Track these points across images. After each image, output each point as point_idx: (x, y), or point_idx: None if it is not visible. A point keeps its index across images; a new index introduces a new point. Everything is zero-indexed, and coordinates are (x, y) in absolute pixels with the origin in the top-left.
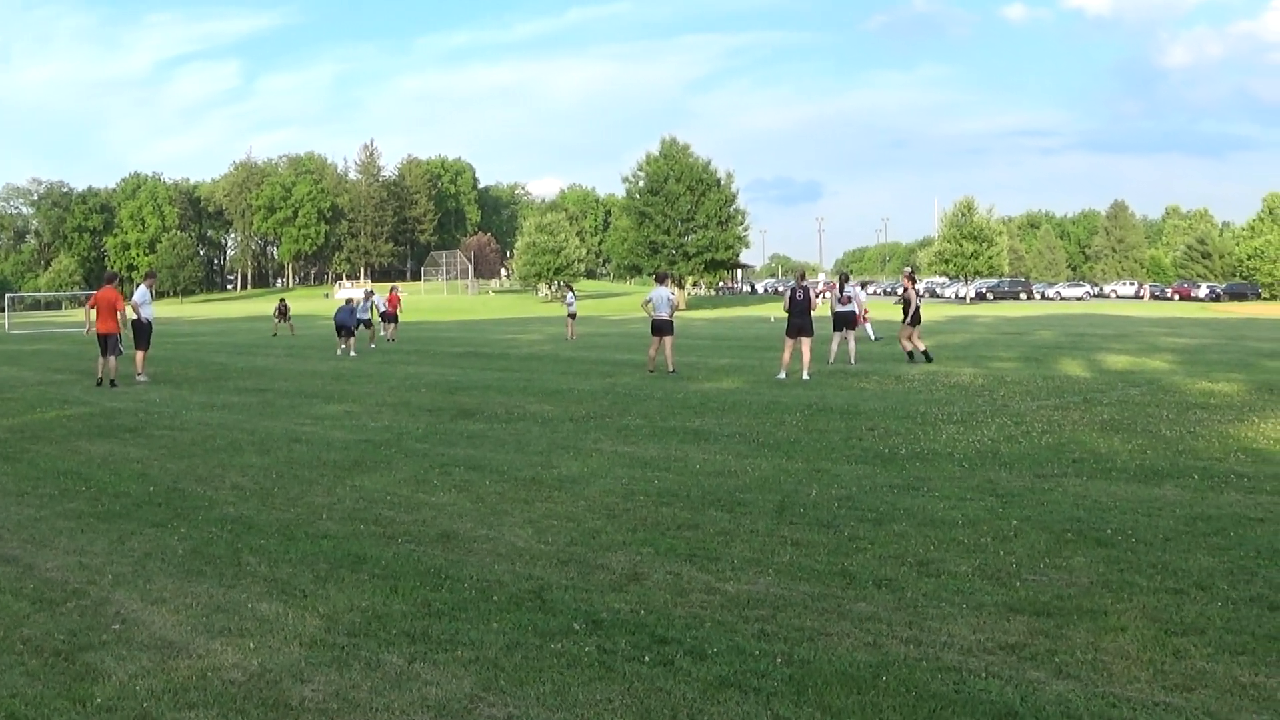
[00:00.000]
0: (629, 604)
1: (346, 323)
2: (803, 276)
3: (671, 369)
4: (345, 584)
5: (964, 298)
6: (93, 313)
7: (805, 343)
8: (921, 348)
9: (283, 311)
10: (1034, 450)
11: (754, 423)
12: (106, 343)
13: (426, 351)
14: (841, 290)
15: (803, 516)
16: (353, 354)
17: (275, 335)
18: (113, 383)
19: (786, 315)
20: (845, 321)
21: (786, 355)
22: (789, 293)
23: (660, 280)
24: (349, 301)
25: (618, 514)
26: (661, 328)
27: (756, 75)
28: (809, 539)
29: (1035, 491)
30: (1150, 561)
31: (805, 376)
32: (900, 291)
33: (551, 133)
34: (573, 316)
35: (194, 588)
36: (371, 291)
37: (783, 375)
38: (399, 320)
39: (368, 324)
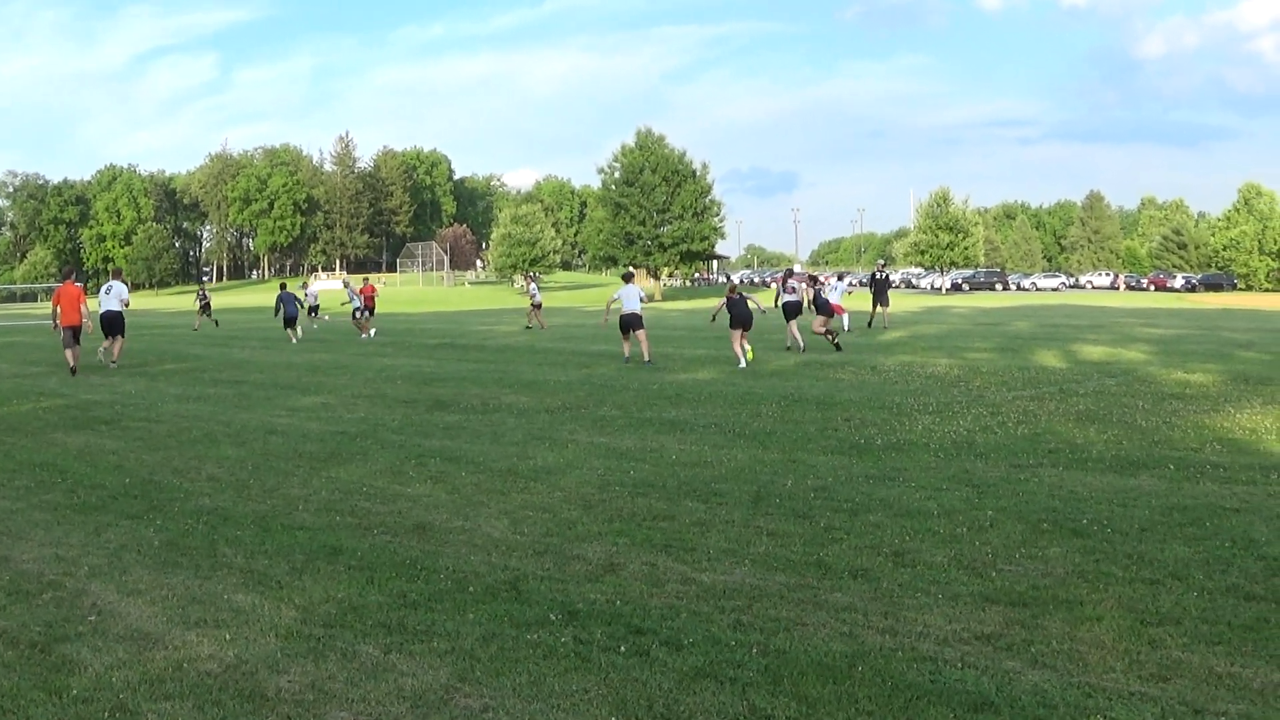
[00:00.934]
0: (605, 595)
1: (293, 313)
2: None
3: (647, 359)
4: (321, 575)
5: (940, 288)
6: (58, 308)
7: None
8: (816, 337)
9: (204, 304)
10: (1010, 441)
11: (730, 413)
12: (73, 334)
13: (402, 343)
14: (784, 284)
15: (779, 507)
16: (294, 340)
17: (197, 329)
18: (73, 370)
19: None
20: (791, 311)
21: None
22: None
23: (627, 280)
24: (283, 288)
25: (594, 505)
26: (631, 321)
27: (734, 66)
28: (785, 529)
29: (1011, 482)
30: (1126, 552)
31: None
32: (809, 287)
33: (528, 124)
34: (537, 306)
35: (170, 579)
36: (348, 281)
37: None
38: (374, 312)
39: (313, 310)
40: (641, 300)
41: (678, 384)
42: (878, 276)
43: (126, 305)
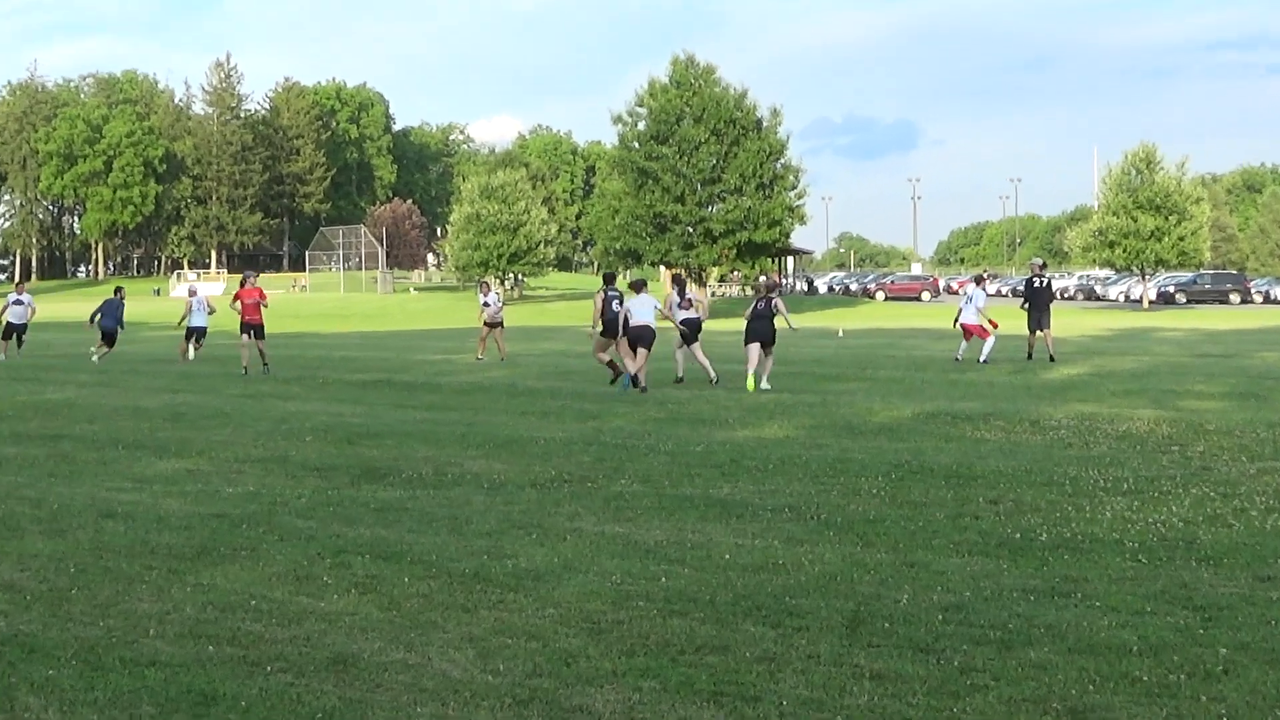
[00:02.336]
0: None
1: (111, 328)
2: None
3: (632, 373)
4: None
5: (1139, 300)
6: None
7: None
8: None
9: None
10: (1254, 539)
11: (812, 490)
12: None
13: (312, 379)
14: (682, 294)
15: (888, 635)
16: (94, 359)
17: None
18: None
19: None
20: (690, 332)
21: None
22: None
23: (638, 289)
24: (118, 293)
25: (604, 629)
26: (642, 335)
27: None
28: (898, 670)
29: (1255, 603)
30: None
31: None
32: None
33: (506, 49)
34: (496, 325)
35: None
36: (195, 290)
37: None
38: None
39: (198, 335)
40: (656, 309)
41: (733, 444)
42: (1035, 284)
43: None
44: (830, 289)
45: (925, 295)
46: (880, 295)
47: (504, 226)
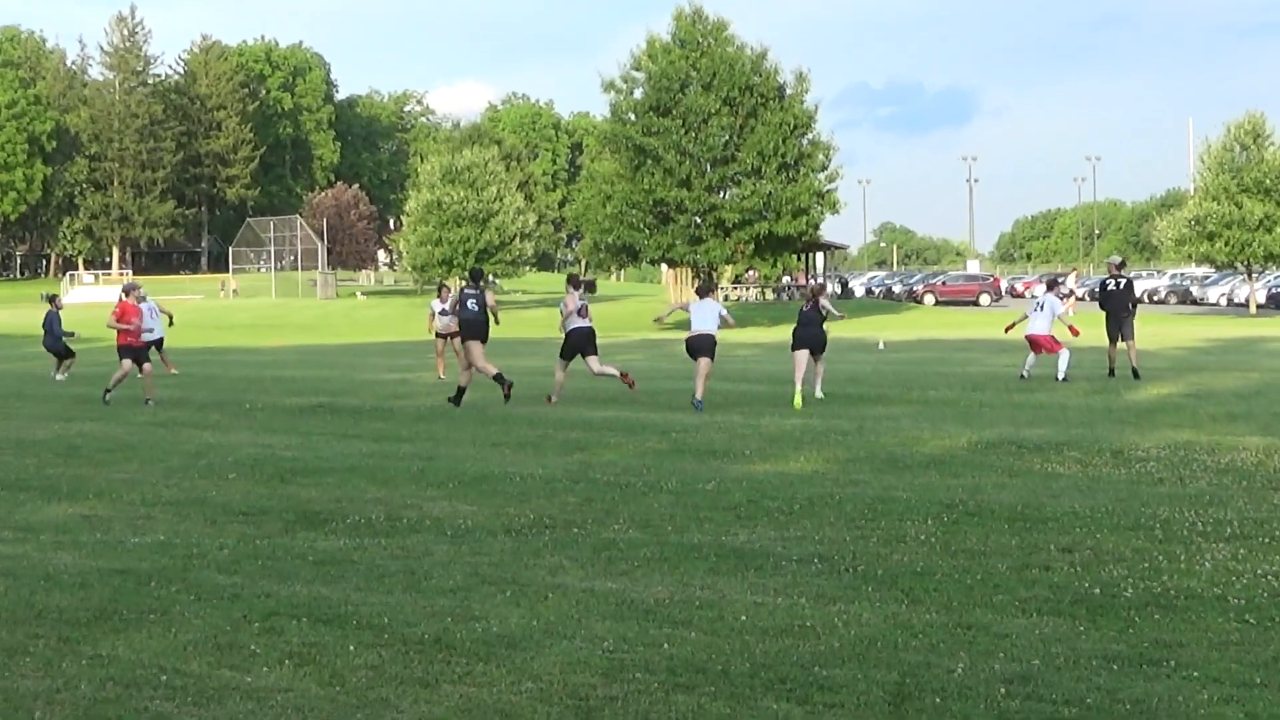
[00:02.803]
0: None
1: (54, 346)
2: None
3: (698, 398)
4: None
5: (1244, 304)
6: None
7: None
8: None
9: None
10: None
11: (848, 537)
12: None
13: (236, 404)
14: (581, 292)
15: (939, 713)
16: (57, 377)
17: None
18: None
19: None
20: (581, 343)
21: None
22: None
23: (703, 293)
24: (53, 300)
25: (595, 707)
26: (701, 346)
27: None
28: None
29: None
30: None
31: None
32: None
33: (472, 3)
34: (449, 337)
35: None
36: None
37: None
38: (163, 346)
39: (155, 347)
40: (722, 318)
41: (751, 481)
42: (1110, 286)
43: None
44: (869, 291)
45: (984, 299)
46: (929, 299)
47: (471, 217)
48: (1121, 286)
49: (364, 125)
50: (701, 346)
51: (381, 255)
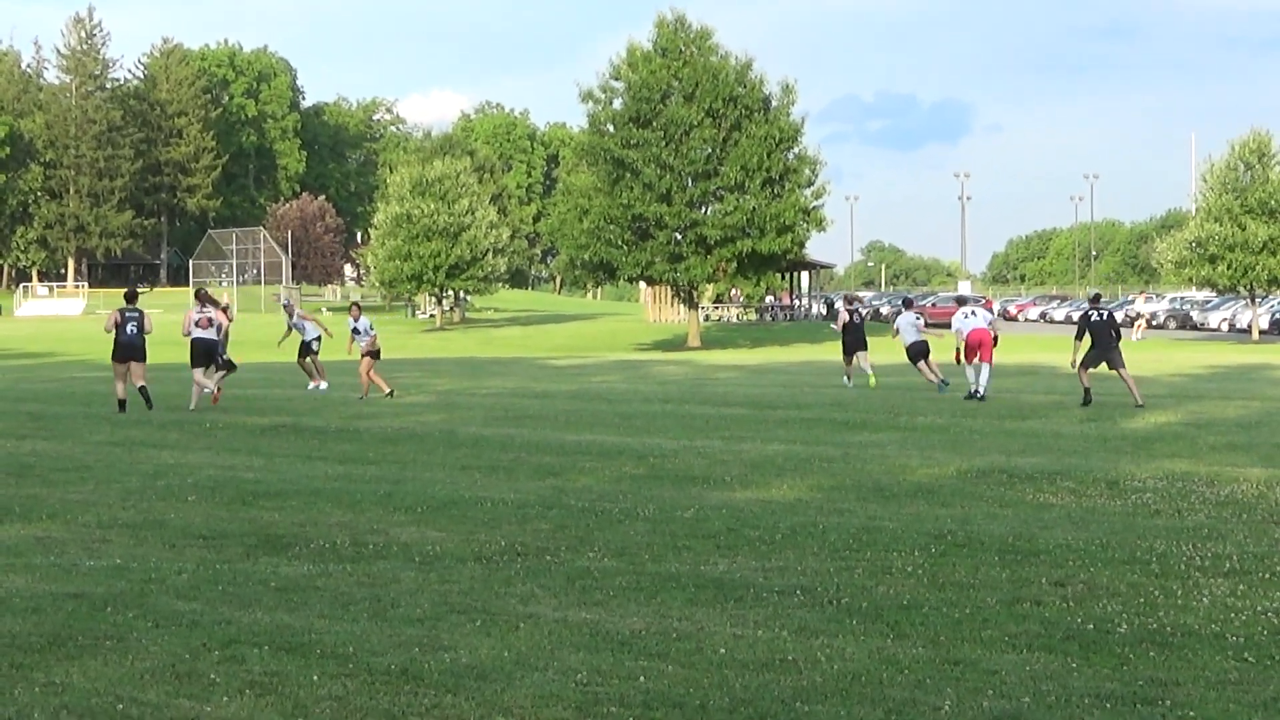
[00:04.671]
0: None
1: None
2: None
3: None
4: None
5: (1246, 329)
6: None
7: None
8: None
9: None
10: None
11: (832, 568)
12: None
13: (196, 423)
14: (202, 308)
15: None
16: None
17: None
18: None
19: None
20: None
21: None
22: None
23: (907, 305)
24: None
25: None
26: (920, 350)
27: None
28: None
29: None
30: None
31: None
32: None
33: (445, 7)
34: (374, 355)
35: None
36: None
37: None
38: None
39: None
40: (918, 327)
41: (731, 509)
42: (1094, 318)
43: None
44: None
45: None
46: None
47: (442, 231)
48: (1105, 317)
49: (331, 134)
50: (919, 350)
51: (348, 270)
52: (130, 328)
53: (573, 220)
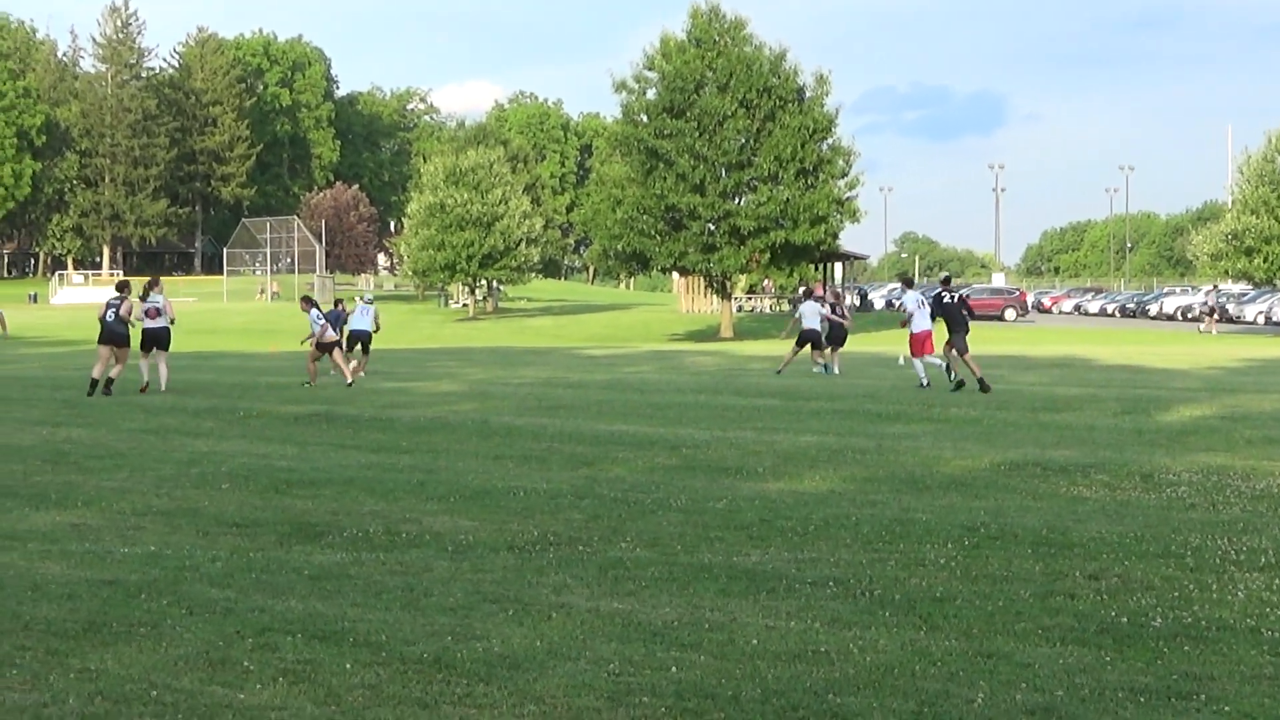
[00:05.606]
0: None
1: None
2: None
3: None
4: None
5: None
6: None
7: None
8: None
9: None
10: None
11: (864, 559)
12: None
13: (230, 411)
14: (144, 297)
15: None
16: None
17: None
18: None
19: None
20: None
21: None
22: None
23: (807, 295)
24: (338, 305)
25: None
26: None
27: None
28: None
29: None
30: None
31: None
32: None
33: None
34: (327, 349)
35: None
36: (340, 300)
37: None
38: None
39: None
40: (821, 314)
41: (764, 500)
42: (946, 300)
43: None
44: (889, 304)
45: (1009, 313)
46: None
47: (475, 220)
48: (956, 300)
49: (365, 123)
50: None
51: (382, 259)
52: (109, 314)
53: (606, 210)
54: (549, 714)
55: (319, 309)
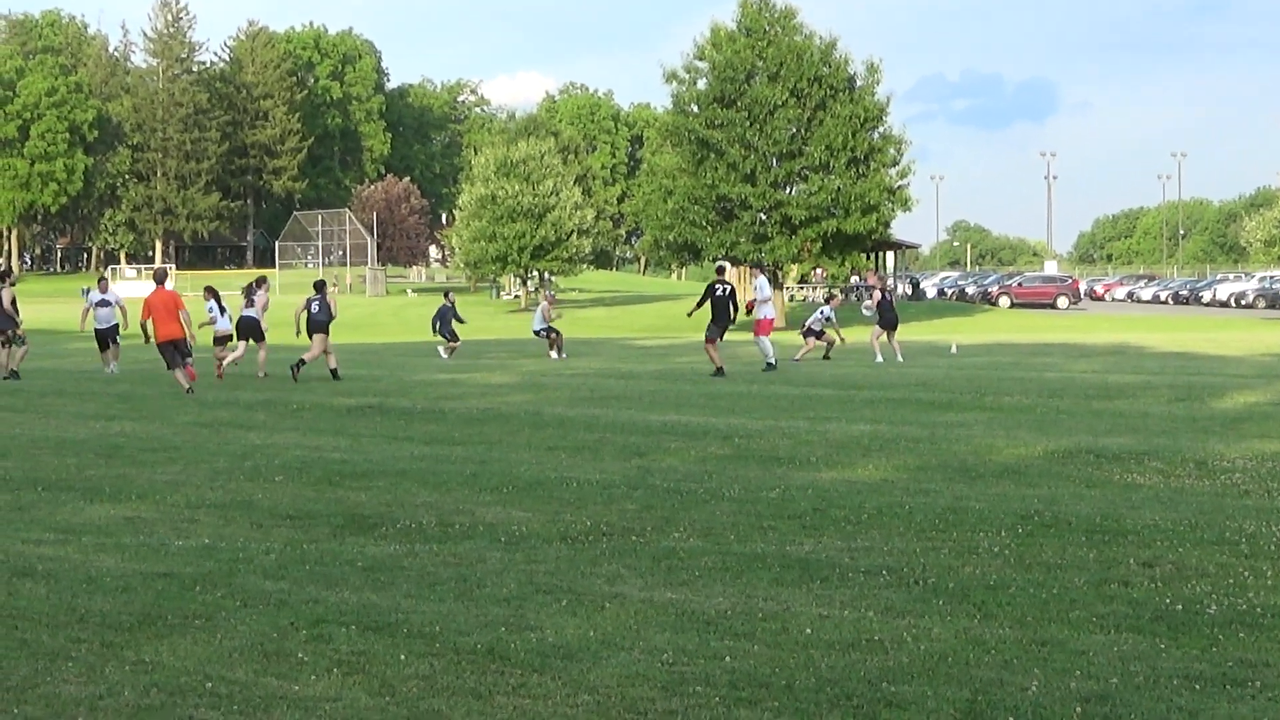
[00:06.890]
0: None
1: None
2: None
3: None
4: None
5: None
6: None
7: None
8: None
9: None
10: None
11: (918, 548)
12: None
13: (283, 404)
14: (249, 297)
15: None
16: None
17: None
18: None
19: None
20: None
21: None
22: None
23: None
24: (447, 296)
25: None
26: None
27: None
28: None
29: None
30: None
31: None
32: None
33: None
34: (221, 340)
35: None
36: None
37: None
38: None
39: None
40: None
41: (817, 489)
42: (718, 292)
43: None
44: (941, 293)
45: (1062, 301)
46: (1004, 301)
47: (526, 212)
48: (727, 293)
49: (416, 116)
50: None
51: (433, 251)
52: (314, 306)
53: (657, 201)
54: (603, 704)
55: (217, 300)
